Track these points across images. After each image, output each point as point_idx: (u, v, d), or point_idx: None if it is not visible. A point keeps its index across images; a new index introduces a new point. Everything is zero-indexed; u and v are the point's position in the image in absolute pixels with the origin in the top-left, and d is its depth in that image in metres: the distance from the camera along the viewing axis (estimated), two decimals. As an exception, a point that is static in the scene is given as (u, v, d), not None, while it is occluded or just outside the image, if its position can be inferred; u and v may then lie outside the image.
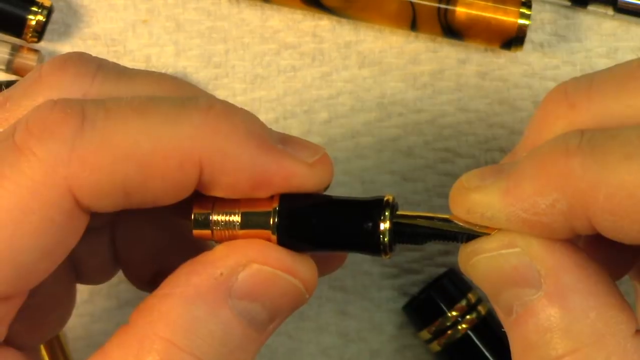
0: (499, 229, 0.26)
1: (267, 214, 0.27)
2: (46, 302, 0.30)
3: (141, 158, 0.26)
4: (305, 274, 0.27)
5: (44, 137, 0.25)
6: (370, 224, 0.27)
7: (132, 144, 0.26)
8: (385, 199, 0.27)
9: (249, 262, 0.26)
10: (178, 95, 0.28)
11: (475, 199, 0.26)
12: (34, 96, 0.28)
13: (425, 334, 0.40)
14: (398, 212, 0.27)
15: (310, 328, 0.42)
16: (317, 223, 0.27)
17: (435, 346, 0.40)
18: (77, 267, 0.32)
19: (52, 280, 0.27)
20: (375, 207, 0.27)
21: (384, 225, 0.27)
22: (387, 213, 0.27)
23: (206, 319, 0.26)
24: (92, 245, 0.32)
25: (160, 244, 0.32)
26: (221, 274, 0.26)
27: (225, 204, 0.27)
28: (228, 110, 0.27)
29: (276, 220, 0.27)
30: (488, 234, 0.26)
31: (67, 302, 0.32)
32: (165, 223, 0.32)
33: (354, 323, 0.42)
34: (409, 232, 0.27)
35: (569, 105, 0.26)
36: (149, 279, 0.32)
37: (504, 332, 0.40)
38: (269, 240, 0.27)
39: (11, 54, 0.42)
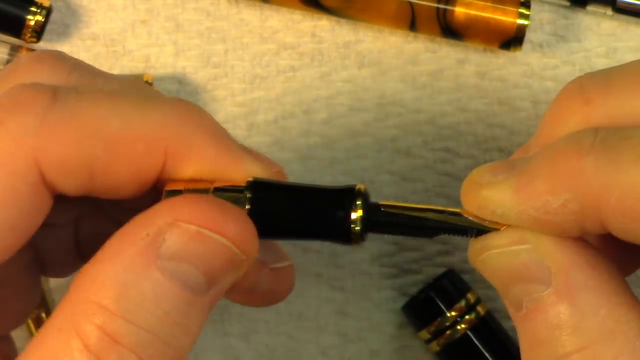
0: (510, 225, 0.26)
1: (239, 200, 0.27)
2: (10, 293, 0.30)
3: (109, 138, 0.26)
4: (237, 233, 0.26)
5: (15, 110, 0.26)
6: (341, 213, 0.27)
7: (101, 123, 0.26)
8: (357, 187, 0.27)
9: (175, 221, 0.26)
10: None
11: (486, 195, 0.26)
12: (9, 84, 0.28)
13: (424, 334, 0.40)
14: (387, 203, 0.27)
15: (310, 328, 0.42)
16: (289, 210, 0.27)
17: (435, 346, 0.40)
18: (41, 260, 0.32)
19: (16, 271, 0.27)
20: (346, 195, 0.27)
21: (356, 214, 0.27)
22: (358, 202, 0.27)
23: (136, 281, 0.25)
24: (56, 239, 0.32)
25: None
26: (147, 234, 0.25)
27: (197, 184, 0.27)
28: (197, 108, 0.28)
29: (247, 207, 0.27)
30: (498, 229, 0.26)
31: (31, 294, 0.32)
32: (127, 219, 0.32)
33: (354, 323, 0.42)
34: (381, 222, 0.27)
35: (584, 101, 0.26)
36: None
37: (504, 332, 0.40)
38: None
39: (10, 54, 0.42)
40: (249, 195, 0.27)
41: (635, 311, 0.25)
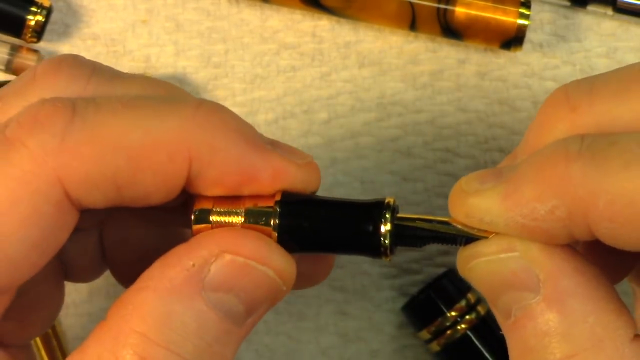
0: (498, 233, 0.26)
1: (269, 214, 0.27)
2: (34, 300, 0.30)
3: (131, 150, 0.26)
4: (281, 264, 0.27)
5: (34, 129, 0.26)
6: (371, 226, 0.27)
7: (122, 136, 0.26)
8: (387, 201, 0.27)
9: (222, 253, 0.26)
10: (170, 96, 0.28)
11: (474, 203, 0.26)
12: (27, 96, 0.28)
13: (424, 334, 0.40)
14: (400, 215, 0.27)
15: (310, 328, 0.42)
16: (318, 224, 0.27)
17: (435, 346, 0.40)
18: (65, 265, 0.32)
19: (40, 278, 0.27)
20: (376, 209, 0.27)
21: (385, 228, 0.27)
22: (387, 215, 0.27)
23: (180, 312, 0.25)
24: (80, 244, 0.32)
25: (148, 246, 0.32)
26: (193, 265, 0.26)
27: (226, 201, 0.27)
28: (218, 107, 0.27)
29: (277, 220, 0.27)
30: (486, 238, 0.26)
31: (55, 300, 0.32)
32: (155, 225, 0.32)
33: (354, 323, 0.42)
34: (409, 235, 0.27)
35: (570, 108, 0.26)
36: (137, 279, 0.32)
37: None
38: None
39: (10, 54, 0.42)
40: (278, 209, 0.27)
41: (623, 318, 0.25)
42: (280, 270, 0.27)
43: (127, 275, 0.32)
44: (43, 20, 0.41)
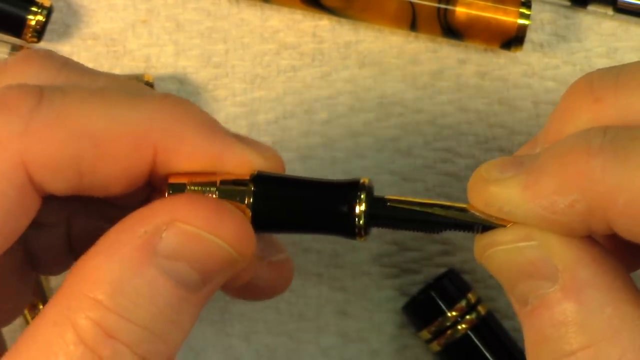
0: (516, 222, 0.26)
1: (243, 191, 0.27)
2: (1, 290, 0.30)
3: (96, 136, 0.26)
4: (233, 235, 0.26)
5: (0, 112, 0.26)
6: (345, 206, 0.27)
7: (87, 122, 0.26)
8: (361, 181, 0.27)
9: (173, 220, 0.26)
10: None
11: (494, 192, 0.26)
12: None
13: (425, 334, 0.40)
14: (392, 197, 0.27)
15: (310, 328, 0.42)
16: (292, 202, 0.27)
17: (435, 346, 0.40)
18: (32, 258, 0.32)
19: (5, 270, 0.27)
20: (351, 188, 0.27)
21: (360, 208, 0.27)
22: (362, 195, 0.27)
23: (132, 278, 0.25)
24: (47, 238, 0.32)
25: None
26: (145, 232, 0.26)
27: (201, 177, 0.28)
28: (183, 100, 0.28)
29: (251, 198, 0.27)
30: (504, 226, 0.26)
31: (22, 291, 0.32)
32: (121, 217, 0.32)
33: (354, 323, 0.42)
34: (386, 216, 0.27)
35: (594, 99, 0.26)
36: None
37: (505, 332, 0.40)
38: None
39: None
40: (253, 188, 0.27)
41: None
42: (233, 240, 0.26)
43: None
44: (43, 20, 0.41)
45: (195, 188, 0.27)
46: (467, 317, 0.39)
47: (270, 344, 0.42)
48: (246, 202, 0.27)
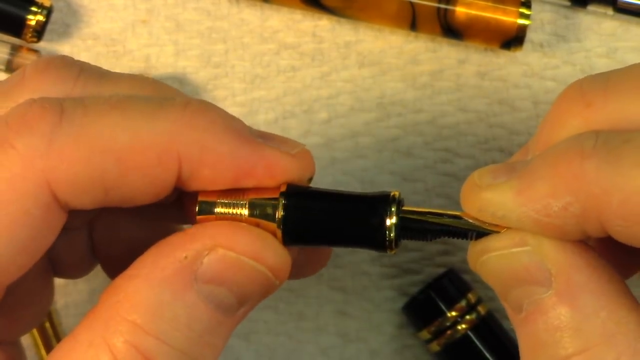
0: (510, 227, 0.26)
1: (273, 206, 0.27)
2: (23, 297, 0.30)
3: (119, 152, 0.26)
4: (274, 260, 0.27)
5: (22, 131, 0.26)
6: (376, 219, 0.27)
7: (110, 138, 0.26)
8: (392, 194, 0.27)
9: (215, 247, 0.26)
10: (158, 96, 0.28)
11: (486, 198, 0.26)
12: (15, 97, 0.28)
13: (424, 334, 0.40)
14: (406, 208, 0.27)
15: (310, 328, 0.42)
16: (322, 216, 0.28)
17: (435, 346, 0.40)
18: (54, 262, 0.32)
19: (29, 276, 0.27)
20: (381, 202, 0.27)
21: (390, 221, 0.27)
22: (393, 208, 0.27)
23: (171, 302, 0.25)
24: (70, 242, 0.32)
25: (139, 241, 0.31)
26: (185, 257, 0.26)
27: (230, 194, 0.28)
28: (205, 106, 0.27)
29: (281, 213, 0.27)
30: (498, 232, 0.26)
31: (44, 297, 0.32)
32: (146, 220, 0.32)
33: (354, 323, 0.42)
34: (415, 228, 0.27)
35: (585, 104, 0.26)
36: None
37: (505, 332, 0.40)
38: (274, 232, 0.27)
39: (11, 54, 0.42)
40: (283, 201, 0.27)
41: (635, 313, 0.25)
42: (273, 266, 0.27)
43: (119, 270, 0.32)
44: (43, 20, 0.41)
45: (225, 203, 0.27)
46: (467, 317, 0.39)
47: (270, 344, 0.42)
48: (276, 215, 0.27)
